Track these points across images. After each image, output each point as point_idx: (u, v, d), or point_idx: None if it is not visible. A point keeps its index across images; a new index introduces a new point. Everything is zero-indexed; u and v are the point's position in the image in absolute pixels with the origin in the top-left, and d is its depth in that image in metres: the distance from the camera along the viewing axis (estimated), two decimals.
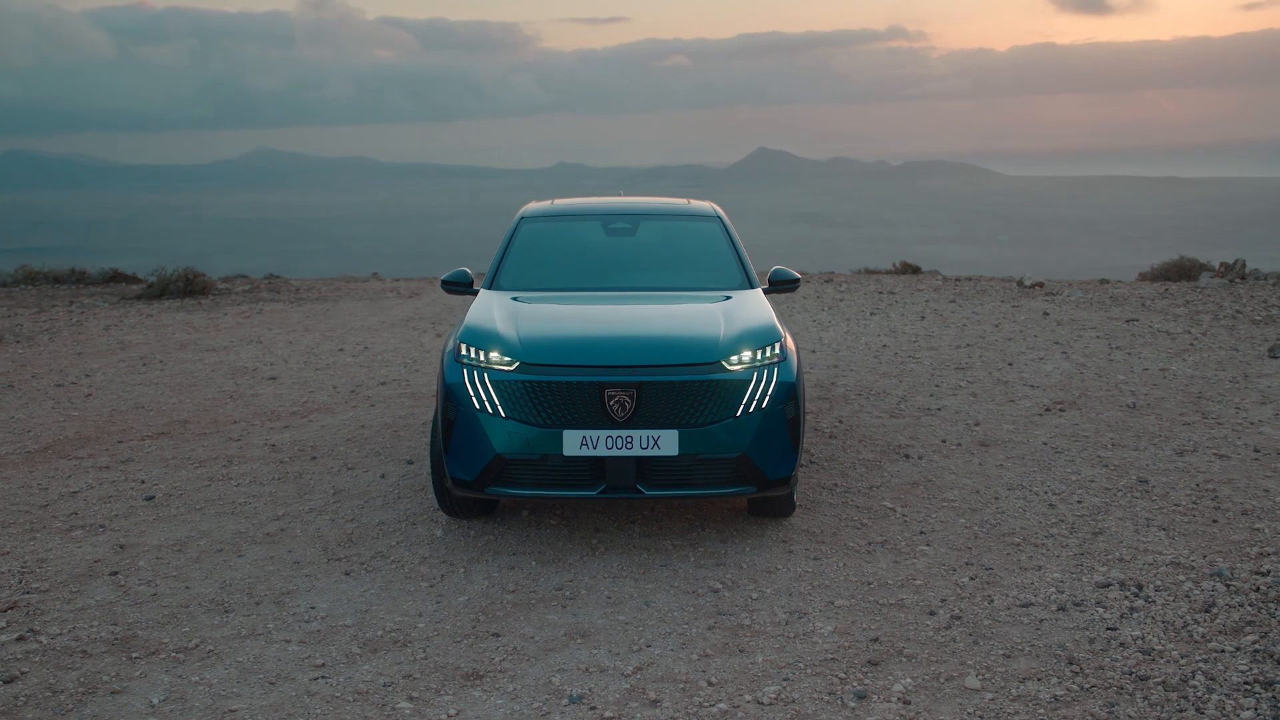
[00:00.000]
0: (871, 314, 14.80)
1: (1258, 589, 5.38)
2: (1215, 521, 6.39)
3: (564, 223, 7.84)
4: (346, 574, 5.85)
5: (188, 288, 18.79)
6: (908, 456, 7.85)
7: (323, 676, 4.70)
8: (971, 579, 5.67)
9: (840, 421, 8.86)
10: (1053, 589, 5.52)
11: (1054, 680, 4.57)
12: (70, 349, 12.90)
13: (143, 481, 7.46)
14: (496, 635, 5.11)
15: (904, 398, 9.64)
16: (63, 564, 5.97)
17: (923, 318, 14.29)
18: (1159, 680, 4.54)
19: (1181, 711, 4.30)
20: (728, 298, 6.78)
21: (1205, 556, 5.85)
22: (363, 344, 13.15)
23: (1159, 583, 5.54)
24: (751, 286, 7.12)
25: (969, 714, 4.34)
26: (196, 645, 5.00)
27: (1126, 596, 5.39)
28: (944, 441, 8.19)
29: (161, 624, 5.23)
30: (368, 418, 9.21)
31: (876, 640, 4.99)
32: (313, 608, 5.41)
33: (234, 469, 7.73)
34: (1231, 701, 4.35)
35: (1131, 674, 4.60)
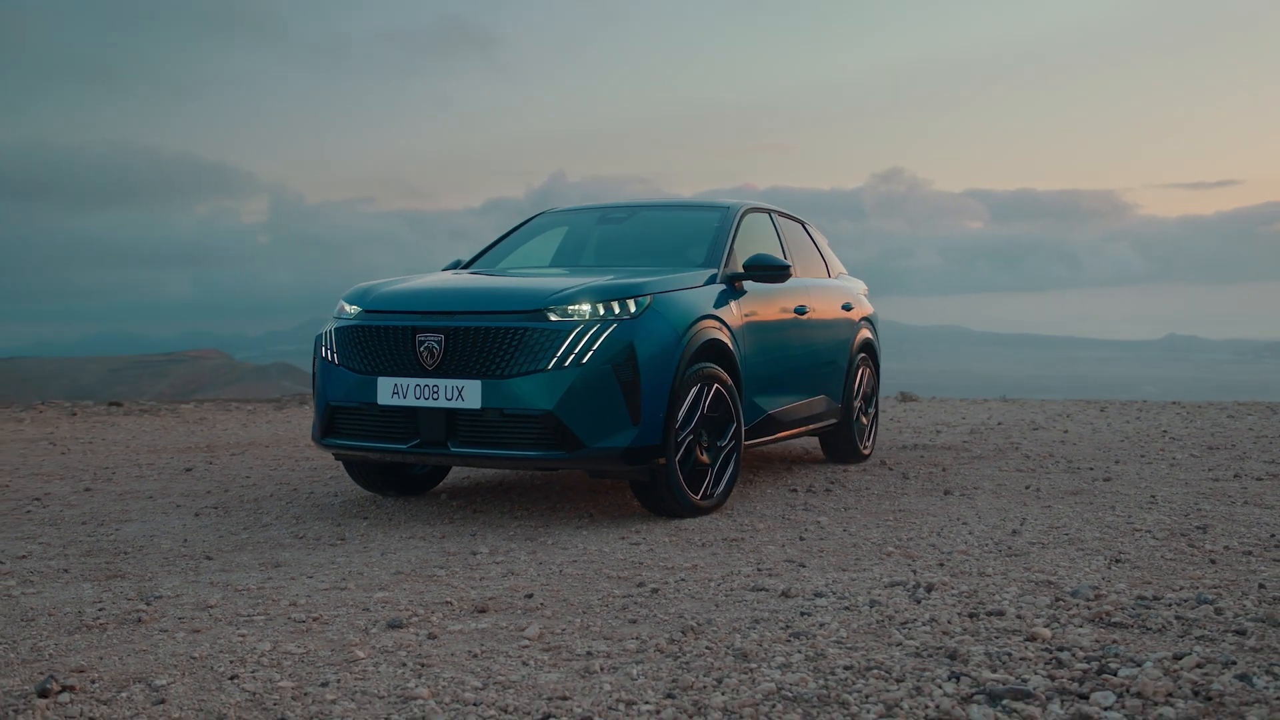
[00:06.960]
0: (1188, 416, 12.26)
1: (1103, 614, 3.77)
2: (1213, 563, 4.59)
3: (573, 215, 7.48)
4: (195, 515, 5.91)
5: None
6: (948, 493, 6.44)
7: None
8: (758, 569, 4.53)
9: (939, 467, 7.47)
10: (823, 582, 4.26)
11: (627, 643, 3.53)
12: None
13: (210, 463, 8.04)
14: (209, 559, 4.89)
15: (1047, 456, 7.95)
16: (7, 496, 6.63)
17: (1248, 425, 11.62)
18: (736, 656, 3.35)
19: (676, 679, 3.14)
20: (665, 275, 6.03)
21: (1116, 583, 4.22)
22: None
23: (967, 589, 4.09)
24: (709, 267, 6.27)
25: (465, 652, 3.47)
26: None
27: (890, 594, 4.04)
28: (1026, 488, 6.60)
29: None
30: None
31: (530, 596, 4.15)
32: (118, 530, 5.52)
33: (298, 465, 8.08)
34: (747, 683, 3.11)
35: (730, 650, 3.43)
